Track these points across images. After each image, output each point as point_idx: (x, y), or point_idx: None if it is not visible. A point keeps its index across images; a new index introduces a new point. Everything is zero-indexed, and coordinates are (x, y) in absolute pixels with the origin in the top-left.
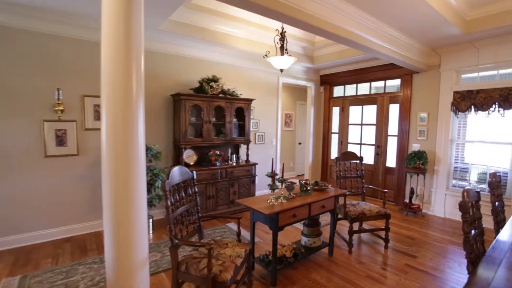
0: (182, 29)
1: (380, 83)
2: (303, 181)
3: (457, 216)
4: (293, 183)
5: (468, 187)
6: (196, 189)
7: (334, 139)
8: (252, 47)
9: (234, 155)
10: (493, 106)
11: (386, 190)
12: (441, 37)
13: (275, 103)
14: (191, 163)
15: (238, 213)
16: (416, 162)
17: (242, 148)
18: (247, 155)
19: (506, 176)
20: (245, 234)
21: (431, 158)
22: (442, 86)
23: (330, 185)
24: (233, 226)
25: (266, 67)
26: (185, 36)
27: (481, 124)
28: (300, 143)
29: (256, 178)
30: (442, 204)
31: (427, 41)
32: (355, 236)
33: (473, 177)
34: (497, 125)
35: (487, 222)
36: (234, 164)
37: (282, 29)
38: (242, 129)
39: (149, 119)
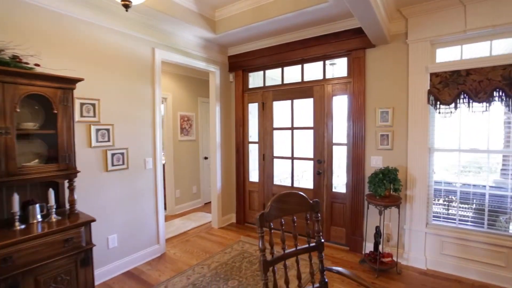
0: None
1: (318, 66)
2: None
3: (443, 266)
4: None
5: None
6: None
7: (254, 152)
8: None
9: (36, 207)
10: (495, 94)
11: None
12: None
13: (149, 95)
14: None
15: None
16: (387, 188)
17: (64, 187)
18: (71, 201)
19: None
20: None
21: (401, 178)
22: (413, 66)
23: None
24: None
25: (128, 25)
26: None
27: (471, 123)
28: (206, 158)
29: (110, 241)
30: (421, 249)
31: None
32: None
33: (458, 202)
34: (494, 124)
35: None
36: (39, 229)
37: None
38: (55, 146)
39: None
